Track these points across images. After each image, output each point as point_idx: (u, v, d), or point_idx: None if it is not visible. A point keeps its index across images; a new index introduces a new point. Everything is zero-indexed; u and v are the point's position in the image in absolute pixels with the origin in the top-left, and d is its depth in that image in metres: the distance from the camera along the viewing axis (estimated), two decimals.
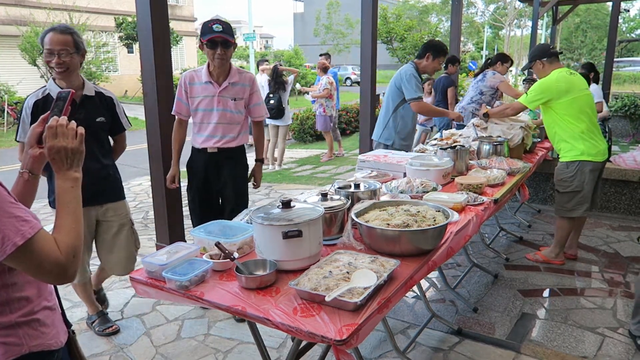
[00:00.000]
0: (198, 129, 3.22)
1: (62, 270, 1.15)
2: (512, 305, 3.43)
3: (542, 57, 3.86)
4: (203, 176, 3.25)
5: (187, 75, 3.19)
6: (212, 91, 3.12)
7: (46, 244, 1.14)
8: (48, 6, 17.89)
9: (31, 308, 1.24)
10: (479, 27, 43.87)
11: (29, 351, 1.23)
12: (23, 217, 1.12)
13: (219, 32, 2.96)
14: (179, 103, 3.23)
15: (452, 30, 7.86)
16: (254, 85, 3.25)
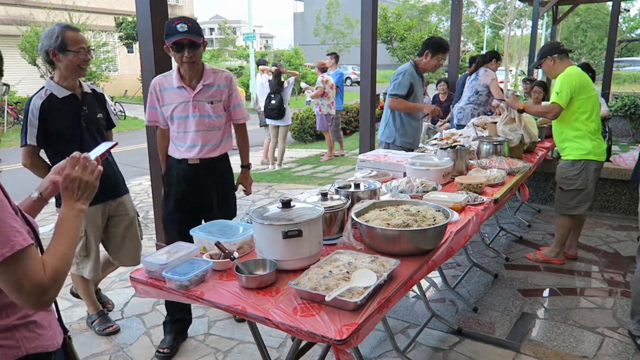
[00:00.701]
0: (176, 138, 2.89)
1: (42, 293, 1.12)
2: (512, 305, 3.43)
3: (553, 53, 3.84)
4: (183, 189, 2.91)
5: (157, 81, 2.85)
6: (186, 96, 2.79)
7: (33, 262, 1.12)
8: (48, 6, 17.89)
9: (27, 311, 1.24)
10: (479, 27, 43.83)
11: (26, 353, 1.23)
12: (17, 228, 1.11)
13: (184, 32, 2.62)
14: (152, 112, 2.90)
15: (452, 30, 7.86)
16: (232, 85, 2.92)
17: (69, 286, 3.51)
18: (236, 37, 50.43)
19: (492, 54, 6.34)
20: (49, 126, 2.75)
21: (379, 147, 4.36)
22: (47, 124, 2.74)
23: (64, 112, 2.78)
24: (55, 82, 2.78)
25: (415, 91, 4.19)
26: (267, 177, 7.74)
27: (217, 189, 2.94)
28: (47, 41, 2.67)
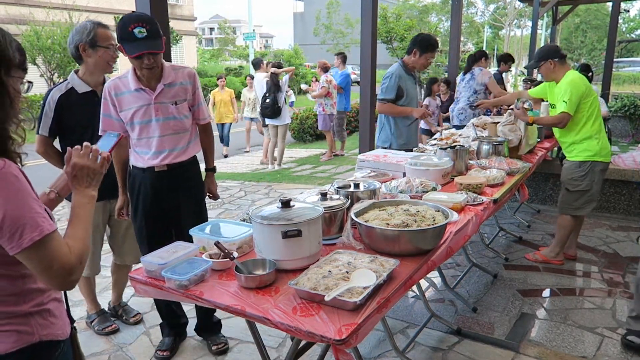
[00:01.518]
0: (137, 145, 2.63)
1: (69, 273, 1.20)
2: (512, 305, 3.43)
3: (554, 57, 3.81)
4: (151, 200, 2.67)
5: (111, 85, 2.56)
6: (146, 99, 2.52)
7: (60, 245, 1.19)
8: (48, 5, 17.88)
9: (42, 299, 1.30)
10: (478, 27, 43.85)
11: (39, 340, 1.28)
12: (43, 214, 1.18)
13: (143, 39, 2.33)
14: (106, 120, 2.60)
15: (452, 30, 7.86)
16: (195, 81, 2.68)
17: None
18: (236, 37, 50.44)
19: (480, 52, 6.38)
20: (64, 119, 2.80)
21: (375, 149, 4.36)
22: (63, 117, 2.80)
23: (81, 107, 2.81)
24: (79, 77, 2.81)
25: (405, 92, 4.06)
26: (266, 177, 7.74)
27: (187, 195, 2.74)
28: (78, 36, 2.70)
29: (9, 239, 1.13)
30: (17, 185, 1.14)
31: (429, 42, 4.00)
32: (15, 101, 1.21)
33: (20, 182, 1.15)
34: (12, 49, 1.20)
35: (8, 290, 1.23)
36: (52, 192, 1.49)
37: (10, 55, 1.19)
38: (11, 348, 1.24)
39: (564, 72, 3.80)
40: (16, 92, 1.22)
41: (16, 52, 1.22)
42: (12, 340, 1.24)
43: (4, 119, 1.18)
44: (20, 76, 1.25)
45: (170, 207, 2.73)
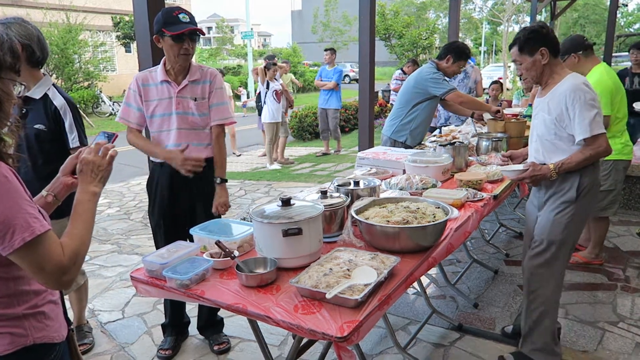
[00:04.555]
0: (157, 139, 2.70)
1: (62, 273, 1.19)
2: (513, 301, 3.44)
3: (578, 50, 3.55)
4: (168, 195, 2.70)
5: (140, 76, 2.69)
6: (170, 92, 2.63)
7: (52, 245, 1.18)
8: (45, 6, 17.85)
9: (37, 301, 1.29)
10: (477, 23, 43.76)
11: (33, 342, 1.27)
12: (35, 214, 1.17)
13: (187, 23, 2.49)
14: (126, 109, 2.69)
15: (450, 26, 7.85)
16: (215, 81, 2.72)
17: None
18: (234, 36, 50.36)
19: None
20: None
21: (383, 142, 4.25)
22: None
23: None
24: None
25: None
26: (266, 176, 7.74)
27: (202, 194, 2.74)
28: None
29: (0, 239, 1.12)
30: (7, 186, 1.13)
31: (464, 51, 4.06)
32: (6, 104, 1.20)
33: (10, 183, 1.14)
34: (2, 51, 1.19)
35: (1, 292, 1.22)
36: (50, 195, 1.48)
37: (0, 58, 1.18)
38: (5, 350, 1.23)
39: (591, 66, 3.54)
40: (6, 94, 1.20)
41: (7, 54, 1.20)
42: (6, 342, 1.23)
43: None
44: (12, 78, 1.23)
45: (185, 204, 2.76)
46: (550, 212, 2.56)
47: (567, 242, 2.56)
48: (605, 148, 2.39)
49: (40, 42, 2.45)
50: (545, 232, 2.56)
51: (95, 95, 17.48)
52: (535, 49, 2.46)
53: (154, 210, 2.80)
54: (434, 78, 3.93)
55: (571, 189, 2.50)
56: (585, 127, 2.34)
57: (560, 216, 2.52)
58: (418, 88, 3.99)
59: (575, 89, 2.37)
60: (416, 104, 4.02)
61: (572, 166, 2.43)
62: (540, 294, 2.61)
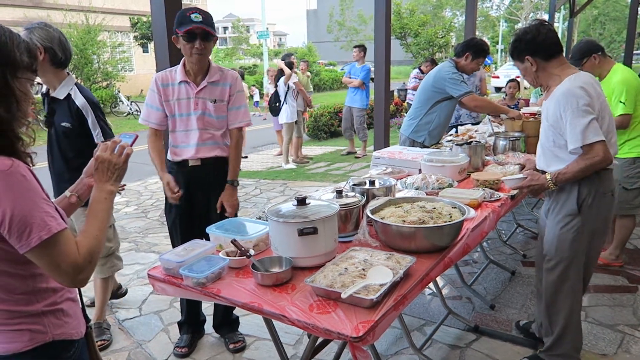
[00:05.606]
0: (175, 139, 2.73)
1: (77, 272, 1.21)
2: (530, 303, 3.39)
3: (597, 50, 3.61)
4: (185, 194, 2.71)
5: (160, 76, 2.71)
6: (189, 92, 2.65)
7: (68, 244, 1.19)
8: (65, 7, 18.15)
9: (55, 299, 1.31)
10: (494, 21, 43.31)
11: (52, 339, 1.29)
12: (52, 213, 1.18)
13: (199, 22, 2.50)
14: (147, 110, 2.74)
15: (467, 24, 7.78)
16: (235, 84, 2.73)
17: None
18: (249, 36, 50.62)
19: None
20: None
21: (401, 141, 4.22)
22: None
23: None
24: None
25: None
26: (281, 175, 7.76)
27: (217, 195, 2.75)
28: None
29: (17, 237, 1.14)
30: (25, 185, 1.15)
31: (483, 47, 4.00)
32: (23, 103, 1.22)
33: (28, 182, 1.15)
34: (19, 51, 1.20)
35: (20, 289, 1.24)
36: (73, 196, 1.50)
37: (16, 58, 1.19)
38: (25, 347, 1.25)
39: (609, 67, 3.60)
40: (23, 93, 1.22)
41: (24, 54, 1.22)
42: (26, 339, 1.25)
43: (10, 120, 1.19)
44: (29, 78, 1.24)
45: (201, 204, 2.78)
46: (555, 225, 2.44)
47: (577, 258, 2.43)
48: (602, 157, 2.20)
49: (62, 44, 2.61)
50: (553, 247, 2.46)
51: (114, 95, 17.72)
52: (522, 57, 2.41)
53: (170, 209, 2.83)
54: (452, 78, 3.89)
55: (569, 199, 2.36)
56: (577, 135, 2.19)
57: (565, 231, 2.39)
58: (436, 87, 3.96)
59: (569, 94, 2.23)
60: (435, 104, 3.98)
61: (569, 177, 2.29)
62: (559, 309, 2.53)
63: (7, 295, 1.23)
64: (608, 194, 2.39)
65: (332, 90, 27.58)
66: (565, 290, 2.48)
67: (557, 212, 2.44)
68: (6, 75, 1.17)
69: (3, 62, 1.17)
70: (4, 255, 1.19)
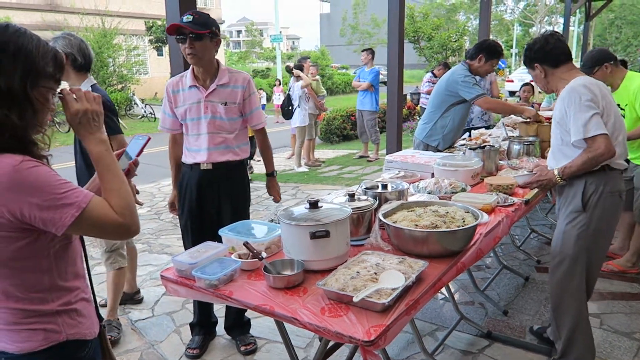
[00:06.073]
0: (189, 143, 2.77)
1: (124, 229, 1.25)
2: (544, 309, 3.35)
3: (609, 60, 3.60)
4: (196, 197, 2.76)
5: (171, 82, 2.74)
6: (198, 96, 2.65)
7: (102, 209, 1.22)
8: (81, 11, 18.41)
9: (70, 298, 1.32)
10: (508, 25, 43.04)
11: (66, 339, 1.30)
12: (74, 189, 1.20)
13: (187, 23, 2.44)
14: (162, 116, 2.83)
15: (481, 28, 7.75)
16: (249, 87, 2.73)
17: (103, 283, 3.59)
18: (263, 39, 50.86)
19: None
20: None
21: (415, 145, 4.20)
22: None
23: None
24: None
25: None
26: (293, 178, 7.78)
27: (228, 198, 2.78)
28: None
29: (50, 222, 1.16)
30: (38, 173, 1.15)
31: (496, 48, 3.98)
32: (40, 112, 1.22)
33: (40, 168, 1.16)
34: (44, 60, 1.20)
35: (36, 287, 1.25)
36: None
37: (39, 66, 1.19)
38: (39, 346, 1.26)
39: (622, 76, 3.58)
40: (42, 103, 1.21)
41: (49, 64, 1.22)
42: (40, 338, 1.26)
43: (24, 127, 1.19)
44: (51, 87, 1.24)
45: (212, 206, 2.79)
46: (562, 222, 2.51)
47: (581, 257, 2.45)
48: (603, 150, 2.27)
49: (82, 50, 2.89)
50: (559, 244, 2.51)
51: (128, 98, 17.91)
52: (532, 65, 2.57)
53: (182, 211, 2.86)
54: (465, 81, 3.86)
55: (576, 196, 2.43)
56: (579, 128, 2.29)
57: (570, 227, 2.45)
58: (449, 90, 3.93)
59: (572, 90, 2.35)
60: (449, 107, 3.96)
61: (574, 170, 2.38)
62: (565, 310, 2.54)
63: (24, 294, 1.24)
64: (615, 195, 2.44)
65: (344, 93, 27.60)
66: (571, 289, 2.51)
67: (565, 209, 2.51)
68: (26, 83, 1.17)
69: (26, 69, 1.17)
70: (26, 249, 1.21)
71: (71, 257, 1.33)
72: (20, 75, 1.16)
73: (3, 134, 1.16)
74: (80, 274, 1.38)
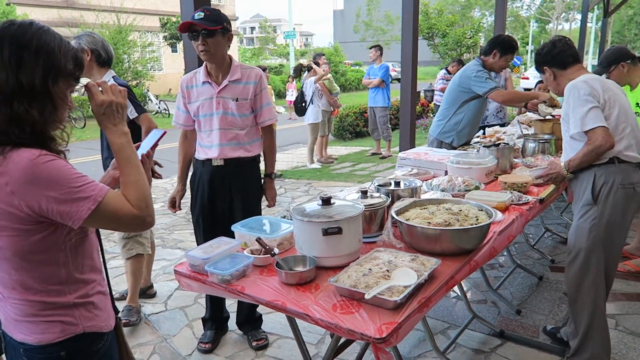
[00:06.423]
0: (201, 138, 2.78)
1: (140, 221, 1.27)
2: (558, 309, 3.32)
3: (625, 59, 3.55)
4: (208, 192, 2.77)
5: (185, 78, 2.76)
6: (211, 92, 2.67)
7: (117, 202, 1.24)
8: (97, 8, 18.58)
9: (86, 291, 1.34)
10: (524, 22, 42.52)
11: (83, 331, 1.32)
12: (90, 182, 1.22)
13: (198, 20, 2.46)
14: (176, 112, 2.83)
15: (496, 25, 7.65)
16: (260, 82, 2.73)
17: (121, 275, 3.63)
18: (276, 36, 50.89)
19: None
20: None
21: (429, 142, 4.18)
22: None
23: None
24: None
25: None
26: (306, 175, 7.79)
27: (240, 194, 2.79)
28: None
29: (67, 215, 1.18)
30: (54, 167, 1.17)
31: (510, 43, 3.92)
32: (60, 108, 1.25)
33: (57, 162, 1.18)
34: (65, 58, 1.23)
35: (53, 280, 1.27)
36: None
37: (60, 64, 1.22)
38: (57, 338, 1.29)
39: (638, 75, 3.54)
40: (61, 99, 1.25)
41: (70, 61, 1.25)
42: (58, 330, 1.29)
43: (44, 123, 1.22)
44: (70, 85, 1.27)
45: (224, 202, 2.80)
46: (575, 216, 2.56)
47: (596, 250, 2.46)
48: (601, 142, 2.33)
49: (105, 47, 3.13)
50: (573, 238, 2.55)
51: (143, 94, 18.06)
52: (542, 69, 2.71)
53: (195, 206, 2.87)
54: (477, 76, 3.81)
55: (586, 190, 2.48)
56: (577, 121, 2.39)
57: (583, 221, 2.49)
58: (462, 86, 3.90)
59: (572, 86, 2.45)
60: (462, 104, 3.92)
61: (577, 162, 2.47)
62: (581, 306, 2.54)
63: (41, 286, 1.27)
64: (628, 188, 2.45)
65: (357, 90, 27.52)
66: (587, 284, 2.51)
67: (577, 203, 2.55)
68: (47, 80, 1.21)
69: (47, 66, 1.20)
70: (43, 243, 1.23)
71: (87, 251, 1.35)
72: (41, 71, 1.20)
73: (23, 128, 1.18)
74: (97, 267, 1.40)
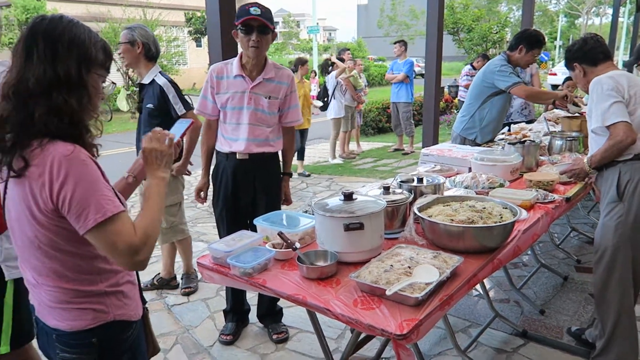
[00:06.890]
0: (225, 130, 2.77)
1: (134, 253, 1.24)
2: (583, 310, 3.25)
3: None
4: (232, 186, 2.78)
5: (216, 68, 2.74)
6: (244, 87, 2.67)
7: (125, 225, 1.24)
8: (124, 3, 18.88)
9: (117, 280, 1.38)
10: (552, 16, 41.59)
11: (113, 319, 1.36)
12: (109, 196, 1.24)
13: (256, 14, 2.50)
14: (202, 101, 2.79)
15: (524, 19, 7.51)
16: (292, 84, 2.78)
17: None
18: (300, 30, 50.90)
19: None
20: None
21: (452, 138, 4.13)
22: None
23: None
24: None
25: None
26: (327, 170, 7.79)
27: (263, 188, 2.82)
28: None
29: (76, 219, 1.21)
30: (85, 170, 1.21)
31: (537, 38, 3.80)
32: (94, 97, 1.30)
33: (87, 167, 1.22)
34: (95, 48, 1.28)
35: (84, 269, 1.31)
36: (130, 177, 1.57)
37: (92, 54, 1.28)
38: (89, 325, 1.33)
39: None
40: (95, 88, 1.30)
41: (100, 52, 1.30)
42: (90, 317, 1.33)
43: (81, 112, 1.26)
44: (102, 74, 1.33)
45: (247, 196, 2.82)
46: (602, 215, 2.52)
47: (622, 248, 2.43)
48: (622, 137, 2.30)
49: (155, 42, 3.22)
50: (599, 236, 2.52)
51: None
52: (571, 66, 2.68)
53: (217, 200, 2.89)
54: (500, 70, 3.73)
55: (612, 187, 2.45)
56: (598, 116, 2.37)
57: (609, 218, 2.46)
58: (486, 81, 3.83)
59: (597, 82, 2.44)
60: (486, 99, 3.85)
61: (598, 158, 2.46)
62: (608, 305, 2.49)
63: (75, 275, 1.30)
64: None
65: (381, 85, 27.37)
66: (613, 283, 2.47)
67: (603, 201, 2.53)
68: (81, 70, 1.25)
69: (80, 57, 1.25)
70: (71, 236, 1.26)
71: None
72: (75, 62, 1.24)
73: (62, 119, 1.23)
74: None
